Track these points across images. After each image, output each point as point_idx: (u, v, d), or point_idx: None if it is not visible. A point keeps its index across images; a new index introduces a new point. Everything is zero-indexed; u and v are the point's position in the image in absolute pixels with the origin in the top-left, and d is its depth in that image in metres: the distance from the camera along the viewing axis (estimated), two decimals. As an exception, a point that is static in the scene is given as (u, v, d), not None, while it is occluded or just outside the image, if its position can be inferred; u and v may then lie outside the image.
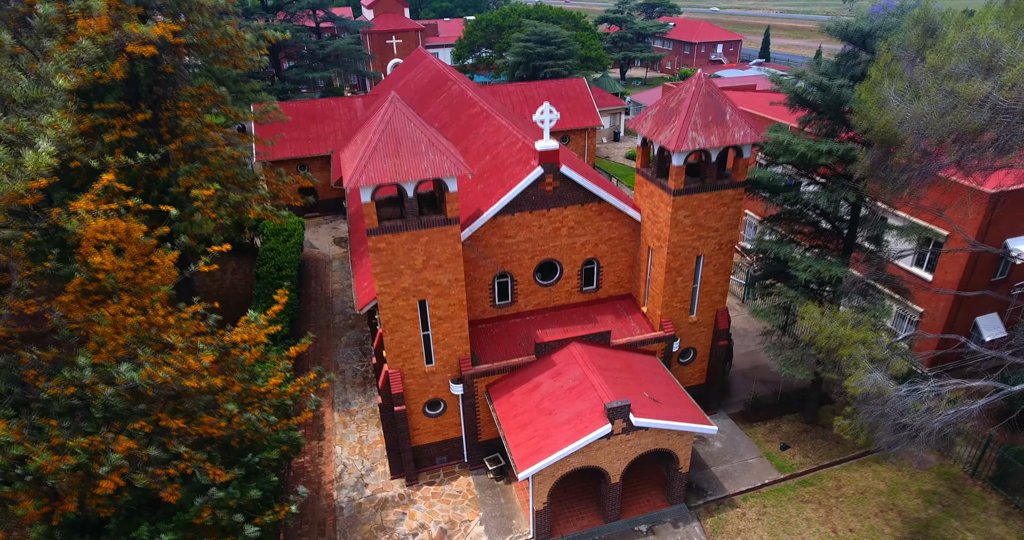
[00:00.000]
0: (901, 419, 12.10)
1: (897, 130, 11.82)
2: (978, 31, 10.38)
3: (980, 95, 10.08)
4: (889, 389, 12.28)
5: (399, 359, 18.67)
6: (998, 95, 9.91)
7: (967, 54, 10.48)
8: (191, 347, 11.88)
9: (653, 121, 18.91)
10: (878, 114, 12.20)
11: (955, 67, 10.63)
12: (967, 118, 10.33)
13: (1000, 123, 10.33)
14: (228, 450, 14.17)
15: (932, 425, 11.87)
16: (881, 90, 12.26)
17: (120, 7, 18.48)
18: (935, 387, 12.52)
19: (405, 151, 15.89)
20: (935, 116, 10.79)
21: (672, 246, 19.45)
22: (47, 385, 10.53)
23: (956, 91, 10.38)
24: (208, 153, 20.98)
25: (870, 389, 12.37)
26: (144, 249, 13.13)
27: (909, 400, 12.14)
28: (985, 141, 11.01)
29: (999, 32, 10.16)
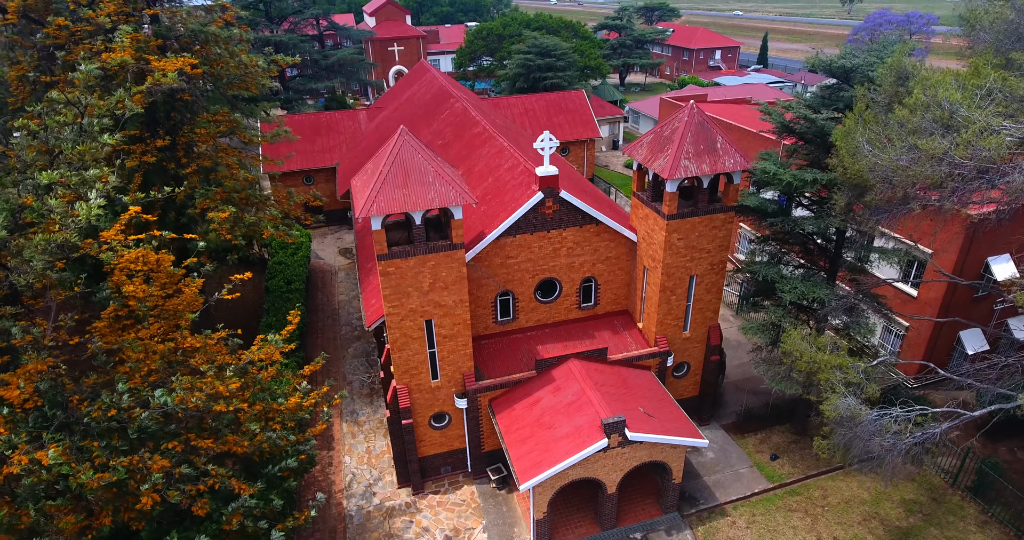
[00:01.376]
0: (871, 441, 13.11)
1: (868, 176, 12.80)
2: (939, 92, 11.36)
3: (939, 152, 11.05)
4: (861, 413, 13.28)
5: (406, 375, 19.66)
6: (955, 153, 10.88)
7: (929, 112, 11.44)
8: (219, 373, 12.84)
9: (648, 149, 19.89)
10: (851, 161, 13.18)
11: (918, 123, 11.61)
12: (928, 171, 11.31)
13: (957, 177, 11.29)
14: (249, 463, 15.18)
15: (900, 447, 12.88)
16: (854, 138, 13.24)
17: (141, 39, 19.52)
18: (903, 412, 13.50)
19: (413, 182, 16.87)
20: (901, 167, 11.78)
21: (666, 267, 20.42)
22: (89, 409, 11.51)
23: (919, 146, 11.35)
24: (223, 176, 21.94)
25: (844, 413, 13.39)
26: (173, 278, 14.11)
27: (880, 423, 13.14)
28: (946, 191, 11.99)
29: (956, 94, 11.12)
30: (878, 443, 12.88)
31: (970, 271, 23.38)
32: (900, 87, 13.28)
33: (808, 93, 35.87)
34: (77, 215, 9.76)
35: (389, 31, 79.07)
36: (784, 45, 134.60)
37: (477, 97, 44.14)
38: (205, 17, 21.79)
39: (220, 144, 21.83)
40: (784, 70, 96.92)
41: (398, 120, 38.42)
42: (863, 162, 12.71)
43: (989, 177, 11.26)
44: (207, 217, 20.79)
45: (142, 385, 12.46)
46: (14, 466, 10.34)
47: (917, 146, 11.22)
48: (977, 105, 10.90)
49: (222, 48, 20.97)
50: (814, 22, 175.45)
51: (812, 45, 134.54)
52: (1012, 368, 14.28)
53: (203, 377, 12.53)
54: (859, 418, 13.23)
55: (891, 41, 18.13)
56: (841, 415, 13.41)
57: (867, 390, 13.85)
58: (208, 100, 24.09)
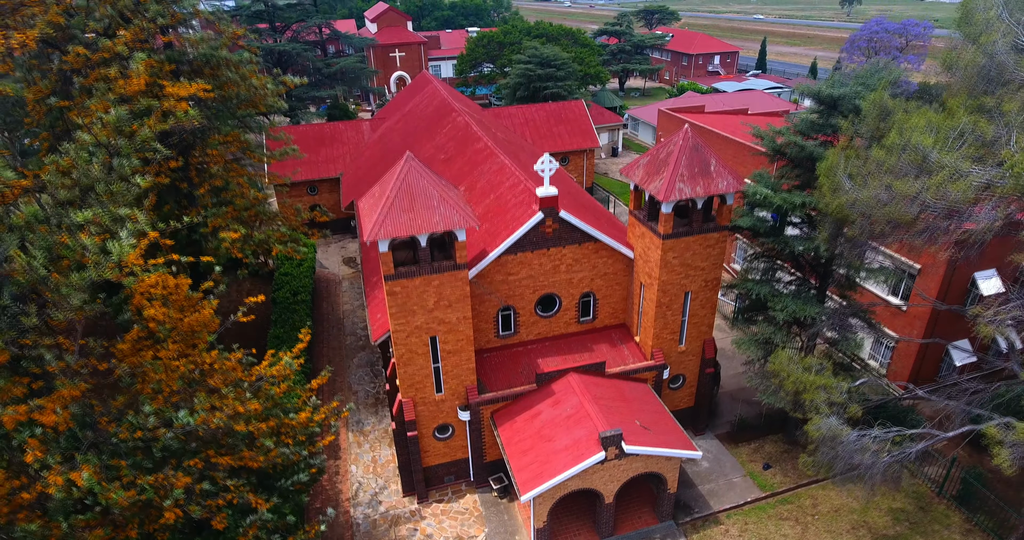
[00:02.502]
0: (852, 459, 13.86)
1: (848, 211, 13.55)
2: (913, 135, 12.07)
3: (911, 193, 11.79)
4: (843, 434, 14.04)
5: (412, 389, 20.41)
6: (926, 195, 11.61)
7: (905, 154, 12.16)
8: (238, 395, 13.58)
9: (644, 170, 20.63)
10: (833, 197, 13.93)
11: (895, 164, 12.34)
12: (901, 210, 12.04)
13: (928, 217, 12.01)
14: (263, 476, 15.93)
15: (880, 465, 13.61)
16: (837, 175, 13.99)
17: (155, 65, 20.26)
18: (882, 433, 14.25)
19: (419, 206, 17.61)
20: (877, 205, 12.52)
21: (662, 284, 21.16)
22: (117, 430, 12.25)
23: (893, 186, 12.08)
24: (233, 195, 22.68)
25: (827, 433, 14.13)
26: (191, 302, 14.84)
27: (860, 443, 13.91)
28: (918, 229, 12.73)
29: (928, 139, 11.84)
30: (859, 461, 13.65)
31: (957, 286, 24.12)
32: (882, 122, 14.03)
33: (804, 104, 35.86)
34: (110, 253, 10.51)
35: (391, 37, 79.86)
36: (783, 49, 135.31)
37: (479, 109, 44.86)
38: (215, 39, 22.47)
39: (231, 164, 22.55)
40: (782, 74, 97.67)
41: (401, 132, 39.17)
42: (844, 198, 13.48)
43: (958, 217, 12.01)
44: (219, 235, 21.53)
45: (165, 405, 13.19)
46: (51, 487, 11.07)
47: (893, 186, 11.97)
48: (949, 148, 11.64)
49: (233, 72, 21.70)
50: (813, 25, 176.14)
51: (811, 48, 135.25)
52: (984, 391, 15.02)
53: (223, 397, 13.25)
54: (841, 438, 14.01)
55: (878, 67, 18.87)
56: (824, 435, 14.18)
57: (849, 410, 14.61)
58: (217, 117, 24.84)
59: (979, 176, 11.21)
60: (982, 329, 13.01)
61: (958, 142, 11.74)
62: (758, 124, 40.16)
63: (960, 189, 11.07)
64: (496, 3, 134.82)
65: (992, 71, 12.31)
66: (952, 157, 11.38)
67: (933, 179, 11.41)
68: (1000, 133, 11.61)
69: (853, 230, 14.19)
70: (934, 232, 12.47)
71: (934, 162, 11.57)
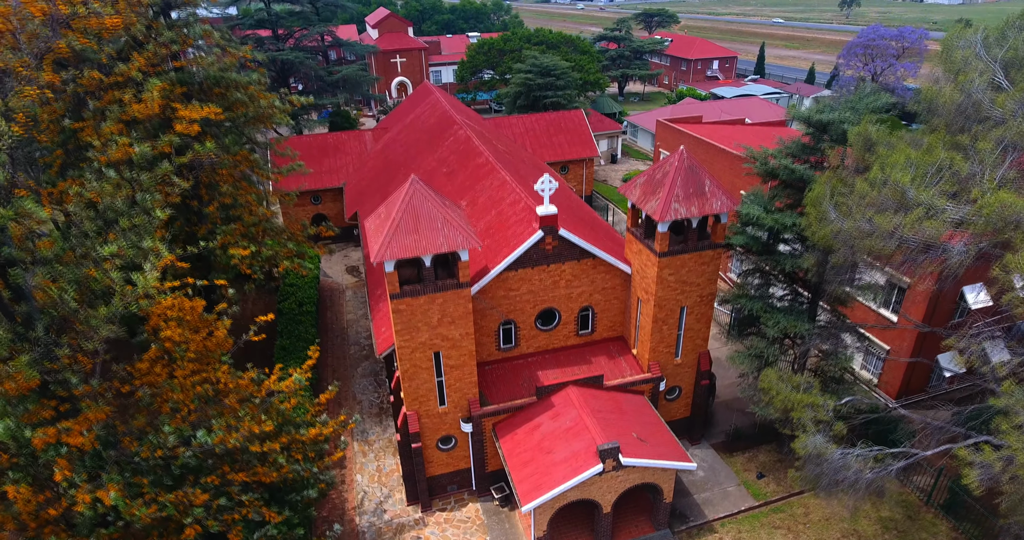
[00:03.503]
0: (837, 475, 14.54)
1: (833, 241, 14.21)
2: (893, 172, 12.73)
3: (890, 228, 12.44)
4: (828, 452, 14.72)
5: (416, 402, 21.07)
6: (903, 231, 12.27)
7: (885, 190, 12.82)
8: (252, 414, 14.25)
9: (641, 190, 21.29)
10: (818, 227, 14.59)
11: (876, 198, 13.00)
12: (881, 243, 12.70)
13: (905, 250, 12.67)
14: (274, 489, 16.60)
15: (863, 481, 14.29)
16: (823, 205, 14.65)
17: (167, 87, 20.91)
18: (864, 452, 14.92)
19: (424, 228, 18.26)
20: (860, 236, 13.18)
21: (658, 299, 21.82)
22: (139, 449, 12.91)
23: (874, 220, 12.73)
24: (242, 212, 23.33)
25: (813, 451, 14.80)
26: (206, 324, 15.51)
27: (844, 461, 14.59)
28: (897, 261, 13.39)
29: (906, 177, 12.49)
30: (842, 477, 14.32)
31: (947, 299, 24.77)
32: (867, 153, 14.67)
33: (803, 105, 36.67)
34: (135, 287, 11.17)
35: (391, 43, 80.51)
36: (782, 52, 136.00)
37: (480, 119, 45.50)
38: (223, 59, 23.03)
39: (240, 182, 23.21)
40: (781, 79, 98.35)
41: (404, 143, 39.82)
42: (829, 228, 14.14)
43: (933, 251, 12.65)
44: (228, 252, 22.18)
45: (183, 424, 13.86)
46: (79, 504, 11.73)
47: (874, 220, 12.63)
48: (927, 184, 12.29)
49: (242, 93, 22.35)
50: (812, 27, 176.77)
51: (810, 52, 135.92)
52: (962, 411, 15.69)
53: (239, 419, 13.91)
54: (826, 456, 14.69)
55: (866, 93, 19.53)
56: (810, 453, 14.86)
57: (835, 428, 15.29)
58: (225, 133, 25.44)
59: (953, 213, 11.87)
60: (958, 359, 13.66)
61: (936, 177, 12.40)
62: (755, 135, 40.92)
63: (934, 226, 11.75)
64: (496, 6, 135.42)
65: (969, 109, 12.97)
66: (928, 194, 12.04)
67: (909, 216, 12.09)
68: (975, 170, 12.27)
69: (837, 258, 14.86)
70: (912, 264, 13.14)
71: (912, 199, 12.25)
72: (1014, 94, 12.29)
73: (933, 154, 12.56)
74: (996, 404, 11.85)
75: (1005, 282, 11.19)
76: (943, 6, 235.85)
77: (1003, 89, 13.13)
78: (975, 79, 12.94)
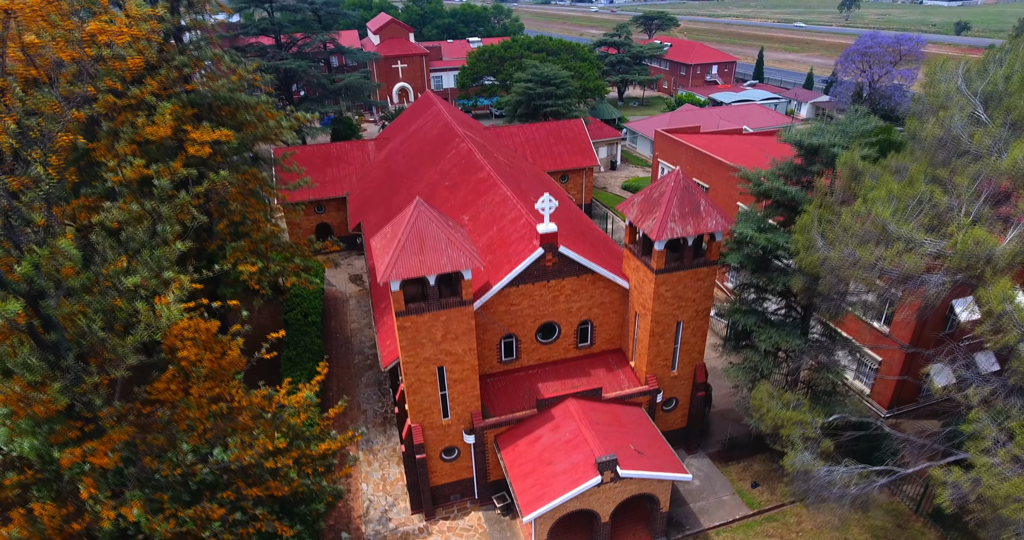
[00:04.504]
0: (822, 492, 15.20)
1: (820, 268, 14.85)
2: (875, 207, 13.38)
3: (872, 260, 13.08)
4: (814, 468, 15.37)
5: (420, 414, 21.74)
6: (883, 264, 12.90)
7: (868, 224, 13.46)
8: (264, 430, 14.91)
9: (639, 209, 21.95)
10: (806, 254, 15.24)
11: (859, 230, 13.64)
12: (863, 275, 13.35)
13: (886, 281, 13.28)
14: (284, 503, 17.27)
15: (847, 496, 14.94)
16: (811, 233, 15.31)
17: (178, 110, 21.56)
18: (848, 470, 15.59)
19: (428, 248, 18.93)
20: (844, 266, 13.83)
21: (655, 314, 22.48)
22: (159, 467, 13.58)
23: (857, 253, 13.38)
24: (250, 229, 23.99)
25: (800, 468, 15.45)
26: (221, 344, 16.17)
27: (829, 478, 15.26)
28: (878, 290, 14.02)
29: (887, 212, 13.15)
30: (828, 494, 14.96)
31: (939, 312, 25.39)
32: (853, 181, 15.33)
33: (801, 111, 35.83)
34: (159, 316, 11.83)
35: (393, 49, 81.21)
36: (781, 55, 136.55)
37: (481, 128, 46.16)
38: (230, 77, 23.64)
39: (248, 199, 23.87)
40: (779, 84, 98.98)
41: (406, 154, 40.47)
42: (815, 256, 14.79)
43: (912, 282, 13.28)
44: (238, 269, 22.85)
45: (200, 442, 14.53)
46: (104, 521, 12.40)
47: (856, 252, 13.29)
48: (907, 218, 12.94)
49: (250, 114, 23.00)
50: (811, 30, 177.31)
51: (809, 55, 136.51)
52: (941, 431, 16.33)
53: (254, 437, 14.56)
54: (813, 472, 15.34)
55: (857, 117, 20.17)
56: (798, 469, 15.51)
57: (822, 445, 15.96)
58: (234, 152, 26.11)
59: (932, 246, 12.52)
60: (933, 386, 14.29)
61: (916, 210, 13.04)
62: (753, 145, 41.56)
63: (912, 260, 12.39)
64: (496, 10, 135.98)
65: (949, 143, 13.61)
66: (908, 227, 12.69)
67: (890, 250, 12.73)
68: (953, 204, 12.91)
69: (824, 285, 15.52)
70: (891, 295, 13.76)
71: (892, 232, 12.90)
72: (991, 130, 12.93)
73: (914, 187, 13.22)
74: (965, 430, 12.49)
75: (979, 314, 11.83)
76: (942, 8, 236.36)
77: (982, 122, 13.77)
78: (955, 114, 13.59)
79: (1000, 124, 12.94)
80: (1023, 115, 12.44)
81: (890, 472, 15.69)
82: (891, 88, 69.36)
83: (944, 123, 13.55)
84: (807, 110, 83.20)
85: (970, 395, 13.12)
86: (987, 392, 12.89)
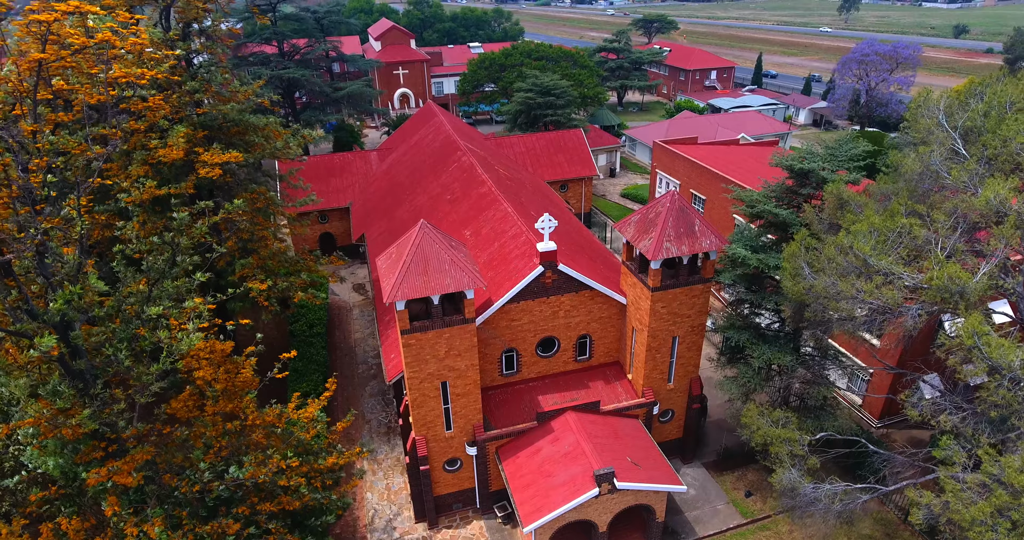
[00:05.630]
0: (808, 509, 15.92)
1: (805, 296, 15.56)
2: (856, 240, 14.08)
3: (852, 292, 13.80)
4: (800, 486, 16.09)
5: (424, 427, 22.47)
6: (863, 296, 13.62)
7: (850, 257, 14.17)
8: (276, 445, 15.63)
9: (635, 228, 22.66)
10: (792, 283, 15.96)
11: (841, 262, 14.36)
12: (845, 306, 14.07)
13: (864, 312, 14.02)
14: (294, 516, 18.00)
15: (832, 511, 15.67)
16: (797, 262, 16.02)
17: (190, 133, 22.28)
18: (832, 487, 16.29)
19: (432, 270, 19.65)
20: (828, 296, 14.54)
21: (652, 330, 23.20)
22: (178, 484, 14.30)
23: (839, 284, 14.10)
24: (258, 246, 24.71)
25: (787, 485, 16.17)
26: (235, 365, 16.90)
27: (814, 495, 15.99)
28: (859, 321, 14.78)
29: (867, 247, 13.85)
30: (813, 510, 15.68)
31: (927, 327, 26.11)
32: (839, 210, 16.04)
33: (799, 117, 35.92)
34: (179, 343, 12.56)
35: (394, 55, 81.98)
36: (779, 59, 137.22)
37: (482, 138, 46.87)
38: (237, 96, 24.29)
39: (256, 217, 24.58)
40: (778, 89, 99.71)
41: (408, 165, 41.20)
42: (801, 285, 15.49)
43: (891, 313, 13.99)
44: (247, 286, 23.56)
45: (216, 460, 15.25)
46: (128, 538, 13.12)
47: (838, 284, 14.01)
48: (887, 251, 13.64)
49: (259, 135, 23.72)
50: (810, 33, 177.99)
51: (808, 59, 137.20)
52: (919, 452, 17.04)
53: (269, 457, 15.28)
54: (799, 490, 16.06)
55: (846, 139, 20.89)
56: (785, 487, 16.23)
57: (808, 462, 16.68)
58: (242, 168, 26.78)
59: (909, 280, 13.22)
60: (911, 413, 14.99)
61: (896, 243, 13.74)
62: (749, 156, 42.28)
63: (891, 294, 13.10)
64: (497, 13, 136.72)
65: (928, 178, 14.31)
66: (887, 261, 13.40)
67: (870, 284, 13.45)
68: (930, 237, 13.61)
69: (810, 313, 16.24)
70: (871, 325, 14.51)
71: (872, 266, 13.60)
72: (968, 165, 13.63)
73: (894, 220, 13.91)
74: (937, 455, 13.18)
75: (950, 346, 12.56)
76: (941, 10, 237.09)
77: (962, 156, 14.48)
78: (935, 150, 14.30)
79: (977, 159, 13.63)
80: (998, 152, 13.13)
81: (873, 489, 16.40)
82: (888, 95, 70.17)
83: (923, 158, 14.26)
84: (805, 116, 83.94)
85: (942, 421, 13.84)
86: (958, 419, 13.59)
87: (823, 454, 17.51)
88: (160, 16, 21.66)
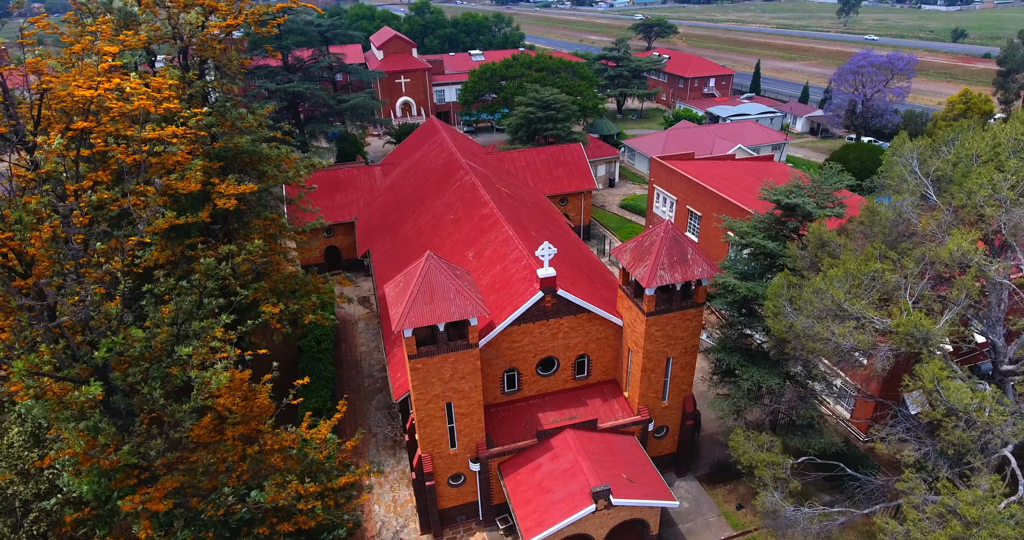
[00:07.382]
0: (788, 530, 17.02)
1: (786, 334, 16.68)
2: (831, 286, 15.19)
3: (827, 335, 14.90)
4: (782, 509, 17.21)
5: (430, 445, 23.61)
6: (837, 339, 14.72)
7: (826, 300, 15.28)
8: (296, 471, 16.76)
9: (631, 255, 23.78)
10: (774, 321, 17.07)
11: (818, 305, 15.46)
12: (821, 347, 15.15)
13: (839, 354, 15.10)
14: (310, 533, 19.15)
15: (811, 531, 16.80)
16: (779, 301, 17.12)
17: (207, 165, 23.39)
18: (811, 511, 17.40)
19: (438, 299, 20.77)
20: (805, 337, 15.63)
21: (647, 352, 24.33)
22: (205, 508, 15.44)
23: (815, 325, 15.19)
24: (271, 270, 25.83)
25: (769, 508, 17.29)
26: (254, 393, 18.03)
27: (795, 517, 17.10)
28: (834, 360, 15.82)
29: (840, 293, 14.94)
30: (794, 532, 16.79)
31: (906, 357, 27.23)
32: (820, 250, 17.14)
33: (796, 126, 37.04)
34: (209, 382, 13.68)
35: (396, 64, 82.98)
36: (778, 64, 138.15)
37: (483, 153, 47.96)
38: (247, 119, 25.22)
39: (269, 242, 25.70)
40: (776, 96, 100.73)
41: (411, 182, 42.31)
42: (782, 323, 16.60)
43: (863, 353, 15.06)
44: (259, 309, 24.69)
45: (238, 483, 16.39)
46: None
47: (813, 326, 15.12)
48: (860, 295, 14.74)
49: (272, 167, 24.83)
50: (809, 36, 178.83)
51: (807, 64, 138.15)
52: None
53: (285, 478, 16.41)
54: (780, 512, 17.18)
55: (831, 173, 21.99)
56: (767, 509, 17.35)
57: (791, 485, 17.80)
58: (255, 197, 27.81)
59: (879, 324, 14.32)
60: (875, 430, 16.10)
61: (869, 287, 14.83)
62: (744, 172, 43.34)
63: (863, 338, 14.20)
64: (497, 18, 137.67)
65: (900, 225, 15.39)
66: (860, 305, 14.50)
67: (843, 327, 14.56)
68: (900, 282, 14.69)
69: (790, 349, 17.32)
70: (845, 364, 15.59)
71: (846, 310, 14.70)
72: (937, 215, 14.72)
73: (868, 265, 15.00)
74: (901, 487, 14.27)
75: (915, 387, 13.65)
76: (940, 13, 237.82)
77: (931, 200, 15.58)
78: (907, 198, 15.39)
79: (945, 207, 14.71)
80: (964, 203, 14.22)
81: (847, 513, 17.53)
82: (883, 105, 71.22)
83: (895, 208, 15.36)
84: (802, 124, 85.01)
85: (906, 456, 14.93)
86: (920, 455, 14.69)
87: (804, 477, 18.59)
88: (178, 54, 22.75)
